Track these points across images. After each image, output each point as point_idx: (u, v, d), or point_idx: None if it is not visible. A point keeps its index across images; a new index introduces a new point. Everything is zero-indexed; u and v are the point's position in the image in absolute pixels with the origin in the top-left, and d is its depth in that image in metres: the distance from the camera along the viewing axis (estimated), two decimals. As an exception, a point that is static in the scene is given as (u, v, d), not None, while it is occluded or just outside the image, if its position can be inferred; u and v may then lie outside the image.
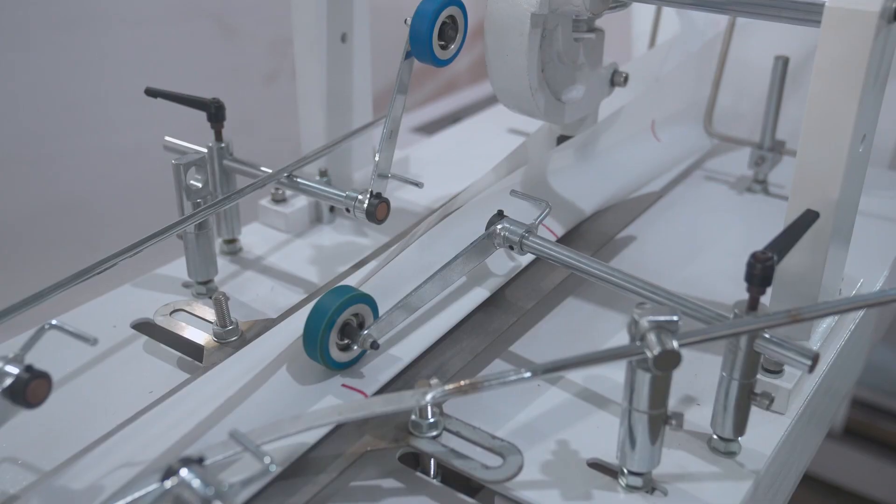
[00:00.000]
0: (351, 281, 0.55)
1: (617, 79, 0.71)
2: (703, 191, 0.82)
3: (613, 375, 0.56)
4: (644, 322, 0.44)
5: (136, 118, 0.98)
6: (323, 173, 0.75)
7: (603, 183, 0.70)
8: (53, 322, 0.45)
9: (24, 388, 0.42)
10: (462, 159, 0.90)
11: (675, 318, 0.44)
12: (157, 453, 0.45)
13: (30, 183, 0.93)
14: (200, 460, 0.37)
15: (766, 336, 0.47)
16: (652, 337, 0.43)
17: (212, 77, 1.12)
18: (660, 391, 0.45)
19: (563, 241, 0.65)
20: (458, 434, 0.48)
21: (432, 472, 0.50)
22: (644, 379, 0.44)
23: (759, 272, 0.46)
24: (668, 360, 0.43)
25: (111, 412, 0.52)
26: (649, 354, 0.43)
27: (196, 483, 0.36)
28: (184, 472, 0.37)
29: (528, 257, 0.62)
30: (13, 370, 0.42)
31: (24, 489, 0.45)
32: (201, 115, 0.64)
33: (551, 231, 0.64)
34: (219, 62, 1.13)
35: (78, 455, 0.46)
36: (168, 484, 0.36)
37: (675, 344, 0.43)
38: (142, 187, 0.98)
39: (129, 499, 0.42)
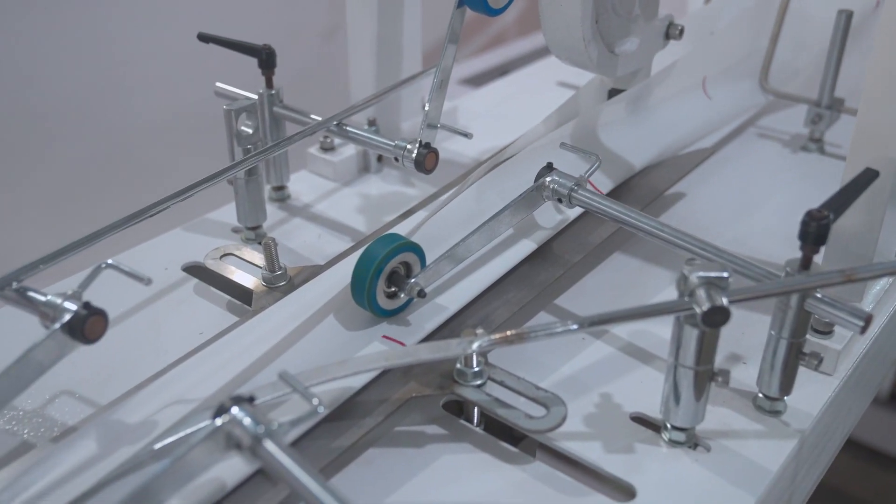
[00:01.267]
0: (399, 230, 0.55)
1: (672, 31, 0.69)
2: (756, 148, 0.80)
3: (659, 331, 0.56)
4: (693, 278, 0.43)
5: (192, 71, 0.98)
6: (371, 122, 0.75)
7: (654, 138, 0.69)
8: (109, 261, 0.46)
9: (82, 324, 0.43)
10: (511, 112, 0.89)
11: (725, 274, 0.43)
12: (208, 392, 0.46)
13: (89, 130, 0.94)
14: (251, 399, 0.38)
15: (818, 295, 0.46)
16: (701, 293, 0.43)
17: (269, 32, 1.12)
18: (707, 347, 0.45)
19: (612, 195, 0.64)
20: (502, 384, 0.49)
21: (475, 421, 0.50)
22: (691, 335, 0.44)
23: (814, 230, 0.45)
24: (717, 317, 0.42)
25: (163, 351, 0.54)
26: (698, 310, 0.43)
27: (247, 421, 0.37)
28: (235, 410, 0.37)
29: (576, 210, 0.61)
30: (72, 307, 0.44)
31: (81, 421, 0.46)
32: (253, 70, 0.64)
33: (596, 188, 0.63)
34: (277, 17, 1.12)
35: (132, 391, 0.48)
36: (220, 421, 0.37)
37: (724, 300, 0.42)
38: (196, 136, 0.99)
39: (181, 434, 0.43)
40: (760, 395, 0.50)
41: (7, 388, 0.42)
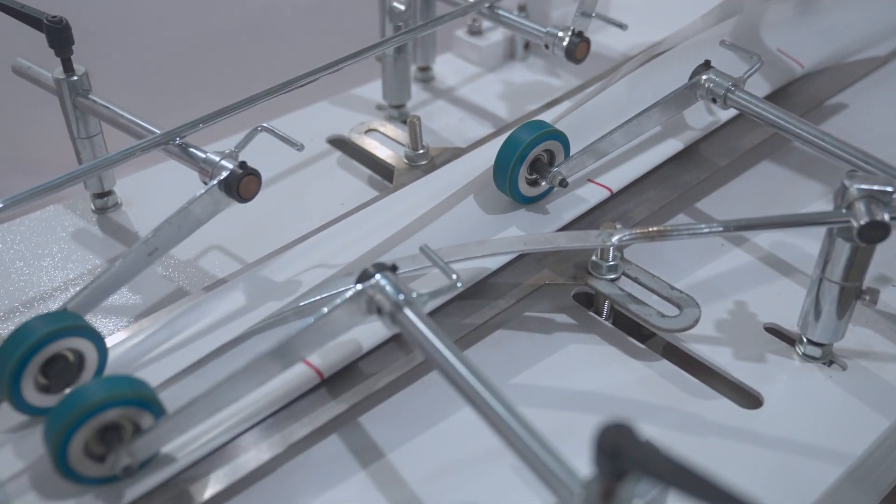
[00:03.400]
0: (543, 118, 0.54)
1: (856, -74, 0.64)
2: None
3: (802, 244, 0.54)
4: (854, 189, 0.42)
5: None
6: (521, 8, 0.73)
7: (821, 41, 0.65)
8: (265, 125, 0.48)
9: (238, 182, 0.45)
10: (665, 7, 0.85)
11: (889, 188, 0.41)
12: (349, 259, 0.47)
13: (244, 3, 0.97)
14: (394, 268, 0.39)
15: None
16: (860, 206, 0.41)
17: None
18: (859, 264, 0.43)
19: (769, 100, 0.61)
20: (636, 280, 0.49)
21: (604, 314, 0.50)
22: (843, 249, 0.43)
23: None
24: (875, 232, 0.41)
25: (306, 218, 0.56)
26: (855, 224, 0.41)
27: (389, 288, 0.38)
28: (378, 276, 0.39)
29: (729, 113, 0.59)
30: (229, 165, 0.46)
31: (230, 275, 0.49)
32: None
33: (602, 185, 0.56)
34: None
35: (278, 251, 0.50)
36: (363, 286, 0.39)
37: (885, 216, 0.40)
38: (346, 15, 0.99)
39: (326, 294, 0.45)
40: (907, 319, 0.48)
41: (168, 237, 0.45)
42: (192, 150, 0.47)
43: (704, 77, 0.54)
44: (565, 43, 0.59)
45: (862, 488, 0.45)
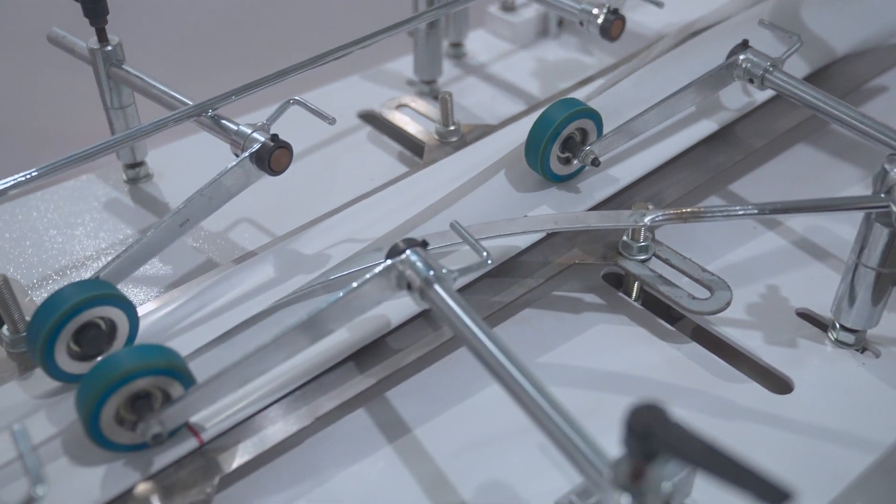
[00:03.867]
0: (576, 96, 0.54)
1: None
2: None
3: (836, 229, 0.53)
4: (895, 174, 0.41)
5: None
6: (556, -16, 0.72)
7: (863, 22, 0.64)
8: (297, 98, 0.48)
9: (270, 155, 0.45)
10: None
11: (931, 174, 0.40)
12: (378, 234, 0.47)
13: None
14: (424, 244, 0.39)
15: None
16: (901, 191, 0.40)
17: None
18: (896, 250, 0.42)
19: (807, 81, 0.60)
20: (667, 262, 0.48)
21: (634, 295, 0.50)
22: (881, 234, 0.42)
23: None
24: (915, 218, 0.40)
25: (335, 192, 0.56)
26: (895, 209, 0.40)
27: (419, 264, 0.38)
28: (408, 252, 0.39)
29: (765, 94, 0.58)
30: (260, 137, 0.46)
31: (260, 247, 0.49)
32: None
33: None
34: None
35: (307, 225, 0.50)
36: (393, 261, 0.38)
37: (926, 202, 0.40)
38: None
39: (356, 269, 0.45)
40: (944, 307, 0.47)
41: (199, 209, 0.45)
42: (223, 122, 0.47)
43: (742, 57, 0.53)
44: (600, 20, 0.58)
45: (892, 479, 0.44)
